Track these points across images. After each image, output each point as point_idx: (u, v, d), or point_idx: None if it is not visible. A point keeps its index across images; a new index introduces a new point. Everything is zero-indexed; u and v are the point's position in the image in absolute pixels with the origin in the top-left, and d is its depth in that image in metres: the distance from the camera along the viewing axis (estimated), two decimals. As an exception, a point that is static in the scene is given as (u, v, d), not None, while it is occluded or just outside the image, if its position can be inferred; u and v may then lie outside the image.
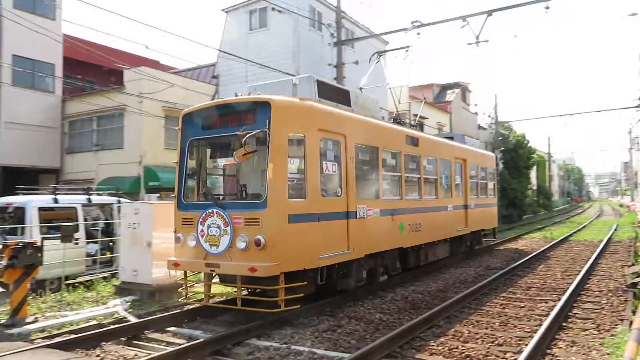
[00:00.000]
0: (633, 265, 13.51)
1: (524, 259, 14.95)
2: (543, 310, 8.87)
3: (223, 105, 8.88)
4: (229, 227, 8.21)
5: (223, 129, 8.79)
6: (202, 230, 8.47)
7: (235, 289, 8.91)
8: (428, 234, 12.73)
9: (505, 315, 8.58)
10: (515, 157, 37.32)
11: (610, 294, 10.12)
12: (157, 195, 21.24)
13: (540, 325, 7.78)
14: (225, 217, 8.26)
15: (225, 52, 18.48)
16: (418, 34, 16.16)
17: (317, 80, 9.63)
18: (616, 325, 7.87)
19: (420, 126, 14.90)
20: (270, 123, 8.13)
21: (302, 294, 8.35)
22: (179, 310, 8.83)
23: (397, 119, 13.75)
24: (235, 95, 9.07)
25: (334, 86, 10.15)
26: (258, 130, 8.08)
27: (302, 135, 8.47)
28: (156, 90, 23.72)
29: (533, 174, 48.73)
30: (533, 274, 13.03)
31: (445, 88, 36.62)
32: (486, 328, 7.81)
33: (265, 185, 8.12)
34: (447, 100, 33.97)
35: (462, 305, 9.32)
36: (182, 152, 9.22)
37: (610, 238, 22.08)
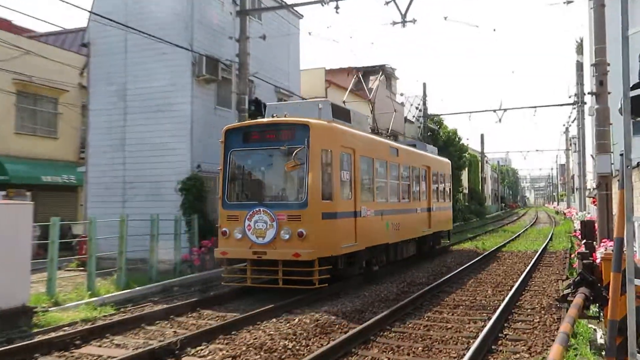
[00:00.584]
0: (567, 278, 14.41)
1: (452, 273, 15.65)
2: (471, 331, 9.32)
3: (265, 124, 13.31)
4: (274, 222, 12.42)
5: (263, 143, 13.14)
6: (249, 225, 12.61)
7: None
8: (404, 232, 17.40)
9: (430, 338, 8.92)
10: (446, 155, 39.12)
11: (543, 312, 10.76)
12: (3, 193, 19.95)
13: (467, 349, 8.16)
14: (271, 214, 12.48)
15: (98, 15, 17.66)
16: (336, 8, 16.40)
17: (332, 103, 14.28)
18: (548, 346, 8.29)
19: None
20: (309, 141, 12.52)
21: (329, 275, 12.52)
22: (26, 342, 8.37)
23: (375, 130, 18.34)
24: (273, 116, 13.62)
25: (340, 107, 14.88)
26: (301, 147, 12.48)
27: (330, 150, 12.88)
28: (6, 58, 22.25)
29: (465, 175, 51.31)
30: (462, 290, 13.68)
31: (367, 73, 37.50)
32: (408, 354, 8.07)
33: (304, 189, 12.46)
34: (369, 88, 34.82)
35: (382, 328, 9.59)
36: (225, 161, 13.40)
37: (544, 249, 23.70)
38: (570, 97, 36.51)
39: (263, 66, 21.40)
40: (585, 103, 33.37)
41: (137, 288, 13.32)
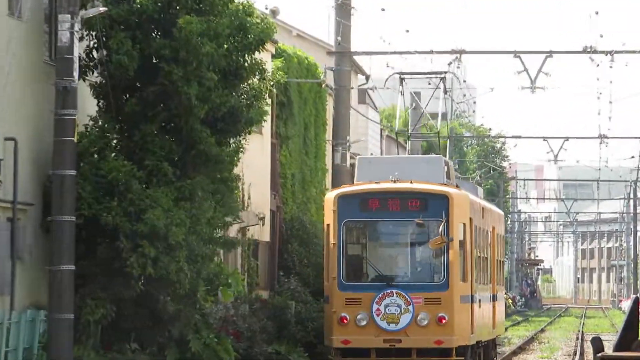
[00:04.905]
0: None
1: None
2: None
3: (391, 191, 20.11)
4: (410, 305, 19.25)
5: (386, 213, 20.27)
6: (377, 310, 19.47)
7: None
8: (483, 329, 23.00)
9: None
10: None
11: None
12: None
13: None
14: (407, 297, 19.30)
15: None
16: None
17: (445, 160, 21.65)
18: None
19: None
20: (449, 214, 19.67)
21: None
22: None
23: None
24: (394, 181, 20.25)
25: (446, 161, 22.30)
26: (440, 220, 19.56)
27: (464, 224, 20.22)
28: None
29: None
30: None
31: None
32: None
33: (444, 268, 19.92)
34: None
35: None
36: (338, 233, 20.19)
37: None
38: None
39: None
40: None
41: None
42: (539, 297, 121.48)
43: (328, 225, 20.25)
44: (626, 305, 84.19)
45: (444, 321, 18.50)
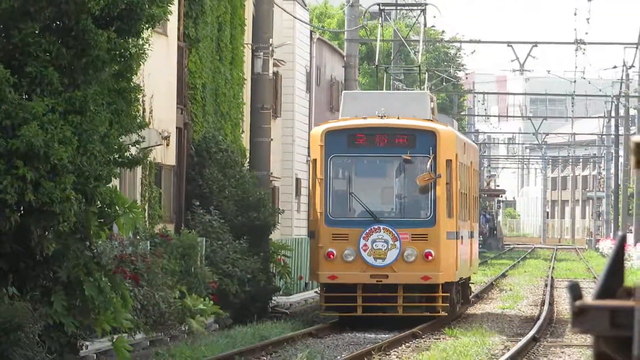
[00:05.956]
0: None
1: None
2: None
3: (378, 127, 27.52)
4: (397, 241, 27.12)
5: (373, 148, 27.38)
6: (364, 245, 26.93)
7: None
8: (466, 267, 29.50)
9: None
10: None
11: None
12: None
13: None
14: (394, 232, 27.07)
15: None
16: None
17: (430, 96, 30.24)
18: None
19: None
20: (437, 150, 27.21)
21: (447, 305, 28.20)
22: None
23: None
24: (381, 117, 27.52)
25: (431, 96, 30.73)
26: (427, 157, 26.94)
27: (451, 160, 27.50)
28: None
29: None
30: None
31: None
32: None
33: (430, 205, 27.63)
34: None
35: None
36: (325, 168, 26.84)
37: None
38: None
39: None
40: None
41: None
42: (499, 236, 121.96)
43: (314, 160, 25.84)
44: (605, 245, 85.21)
45: (430, 257, 24.30)
